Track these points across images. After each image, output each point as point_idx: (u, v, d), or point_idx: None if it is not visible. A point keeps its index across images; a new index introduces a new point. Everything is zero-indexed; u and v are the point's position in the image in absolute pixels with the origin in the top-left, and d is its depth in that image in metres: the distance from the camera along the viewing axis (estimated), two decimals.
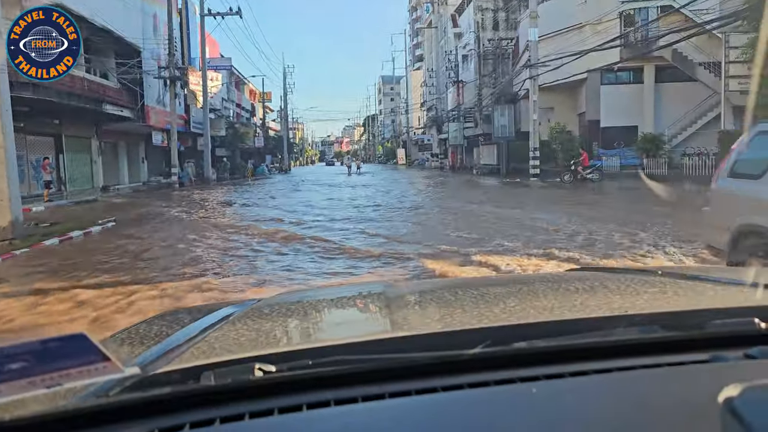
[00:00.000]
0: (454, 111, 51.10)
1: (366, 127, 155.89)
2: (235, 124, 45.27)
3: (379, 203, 16.89)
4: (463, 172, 45.22)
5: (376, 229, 11.60)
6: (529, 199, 17.38)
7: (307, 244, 10.01)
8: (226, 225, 12.90)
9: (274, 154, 73.46)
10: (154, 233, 12.14)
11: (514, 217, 12.83)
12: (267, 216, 14.18)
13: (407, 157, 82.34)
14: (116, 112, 24.03)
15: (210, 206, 18.55)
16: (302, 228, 12.19)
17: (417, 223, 12.73)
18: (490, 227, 11.34)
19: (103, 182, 27.63)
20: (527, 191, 21.88)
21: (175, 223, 13.75)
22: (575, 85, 32.91)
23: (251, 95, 74.06)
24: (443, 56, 60.12)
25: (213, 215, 15.39)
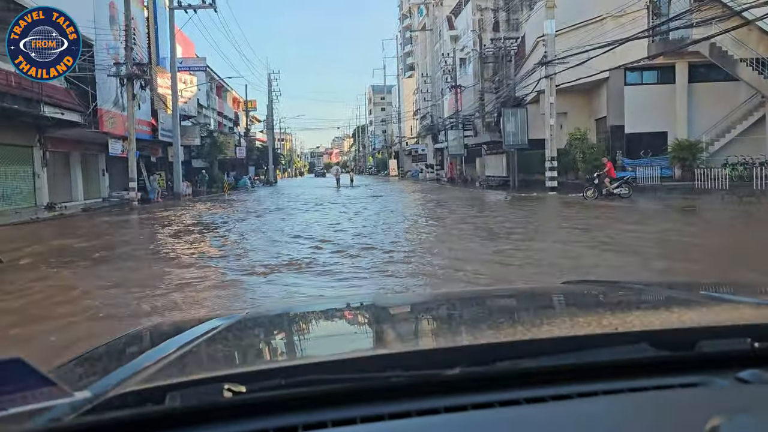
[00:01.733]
0: (452, 118, 47.29)
1: (356, 137, 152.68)
2: (213, 133, 41.13)
3: (371, 245, 10.20)
4: (463, 185, 41.27)
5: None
6: (563, 227, 12.99)
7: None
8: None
9: (260, 165, 69.29)
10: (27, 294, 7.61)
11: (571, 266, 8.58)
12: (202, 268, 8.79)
13: (399, 169, 78.49)
14: (56, 114, 19.87)
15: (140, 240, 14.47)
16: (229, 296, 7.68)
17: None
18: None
19: (48, 199, 23.38)
20: (552, 212, 17.85)
21: (82, 268, 9.52)
22: (593, 86, 29.15)
23: (234, 103, 70.00)
24: (439, 60, 56.39)
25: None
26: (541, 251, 9.24)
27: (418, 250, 9.72)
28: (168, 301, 6.30)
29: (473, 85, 46.74)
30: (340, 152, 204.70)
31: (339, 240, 11.01)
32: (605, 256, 8.55)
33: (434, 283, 7.03)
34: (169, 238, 12.98)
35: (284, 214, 17.70)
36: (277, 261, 8.87)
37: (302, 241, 11.12)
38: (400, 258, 8.89)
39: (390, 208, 19.62)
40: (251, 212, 19.27)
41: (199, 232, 14.00)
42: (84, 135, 24.73)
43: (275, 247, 10.42)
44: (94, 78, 23.29)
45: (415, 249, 9.90)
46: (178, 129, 30.00)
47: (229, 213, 19.41)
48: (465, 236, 11.28)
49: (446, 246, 9.95)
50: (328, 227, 13.53)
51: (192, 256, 9.69)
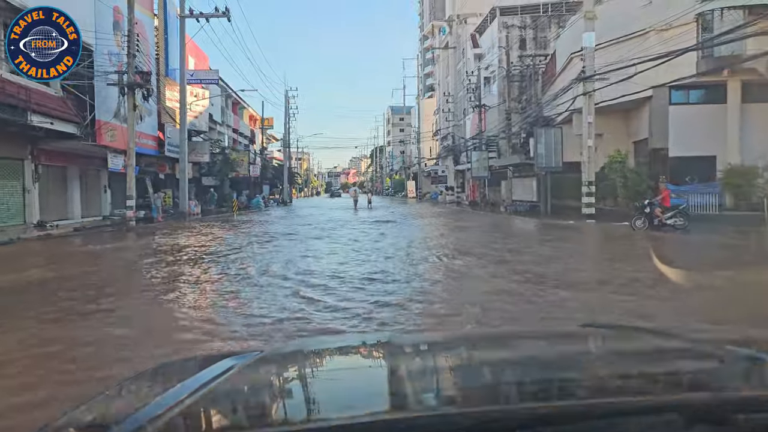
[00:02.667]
0: (475, 139, 45.11)
1: (373, 158, 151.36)
2: (225, 150, 39.28)
3: (388, 301, 7.80)
4: (487, 210, 38.91)
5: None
6: (628, 271, 10.23)
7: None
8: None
9: (275, 184, 67.50)
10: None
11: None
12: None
13: (418, 190, 76.33)
14: (44, 124, 17.95)
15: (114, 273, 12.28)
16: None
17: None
18: None
19: (39, 216, 21.45)
20: (601, 247, 15.30)
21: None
22: (632, 106, 26.84)
23: (251, 121, 68.54)
24: (462, 79, 54.44)
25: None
26: (625, 315, 6.76)
27: (443, 310, 7.31)
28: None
29: (498, 104, 44.70)
30: (357, 172, 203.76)
31: (350, 296, 8.30)
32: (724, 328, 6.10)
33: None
34: (138, 274, 10.74)
35: (291, 244, 15.42)
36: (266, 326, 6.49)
37: (305, 289, 8.66)
38: (426, 323, 6.58)
39: (410, 239, 17.34)
40: (256, 238, 17.05)
41: (185, 264, 11.79)
42: (81, 148, 22.86)
43: (271, 303, 7.88)
44: (93, 87, 21.46)
45: (440, 306, 7.57)
46: (186, 144, 28.11)
47: (231, 238, 17.19)
48: (503, 288, 8.71)
49: (478, 304, 7.47)
50: (339, 266, 11.11)
51: (151, 315, 7.35)
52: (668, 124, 25.26)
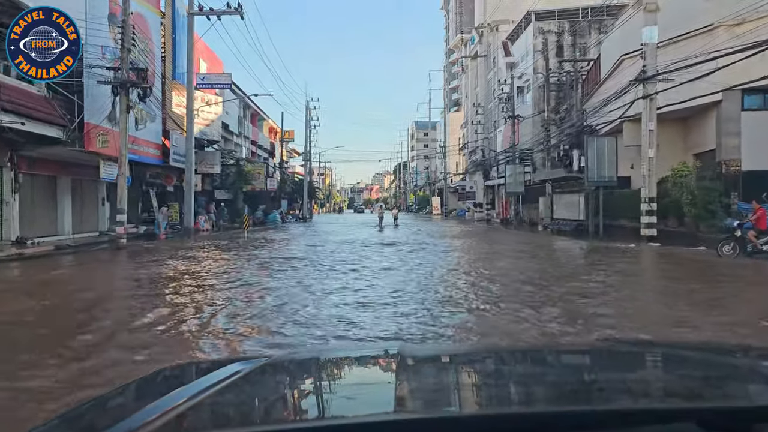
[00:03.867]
0: (508, 152, 41.91)
1: (397, 174, 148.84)
2: (240, 161, 36.62)
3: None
4: (523, 228, 35.58)
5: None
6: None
7: None
8: None
9: (295, 199, 64.85)
10: None
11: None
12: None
13: (444, 207, 73.18)
14: (13, 124, 15.26)
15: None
16: None
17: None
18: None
19: (19, 232, 18.79)
20: (693, 283, 11.76)
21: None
22: (693, 113, 23.58)
23: (271, 133, 66.18)
24: (492, 90, 51.41)
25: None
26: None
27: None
28: None
29: (533, 115, 41.55)
30: (380, 188, 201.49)
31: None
32: None
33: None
34: (85, 319, 7.76)
35: (304, 274, 12.34)
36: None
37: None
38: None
39: (447, 266, 14.22)
40: (263, 265, 14.01)
41: (161, 305, 8.78)
42: (71, 155, 20.26)
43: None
44: (83, 86, 18.85)
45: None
46: (193, 153, 25.40)
47: (232, 265, 14.21)
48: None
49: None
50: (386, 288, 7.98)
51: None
52: (740, 132, 21.92)
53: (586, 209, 24.48)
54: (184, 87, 26.80)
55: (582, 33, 43.17)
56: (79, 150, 18.94)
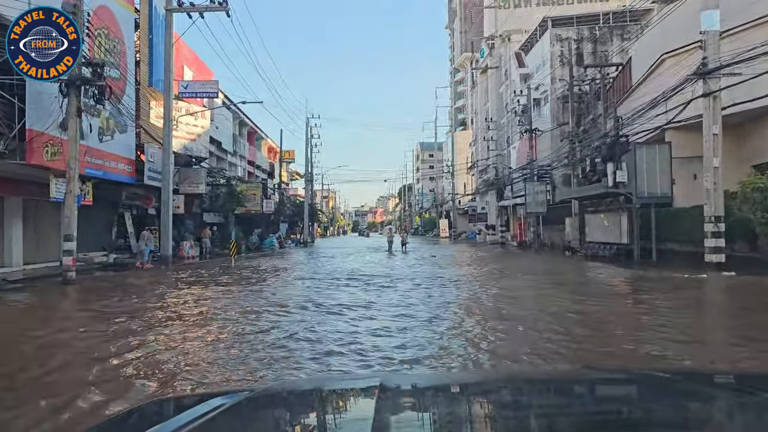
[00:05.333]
0: (526, 168, 38.40)
1: (401, 196, 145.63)
2: (231, 180, 33.14)
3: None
4: (546, 253, 31.87)
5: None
6: None
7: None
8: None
9: (296, 222, 61.30)
10: None
11: None
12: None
13: (452, 229, 69.51)
14: None
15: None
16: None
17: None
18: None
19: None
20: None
21: None
22: (749, 117, 20.08)
23: (270, 153, 62.89)
24: (505, 104, 48.09)
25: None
26: None
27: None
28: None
29: (551, 128, 38.15)
30: (384, 211, 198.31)
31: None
32: None
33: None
34: None
35: (300, 327, 8.58)
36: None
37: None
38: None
39: (479, 305, 10.62)
40: (243, 314, 10.23)
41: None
42: (19, 172, 16.80)
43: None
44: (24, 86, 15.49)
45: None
46: (170, 169, 21.89)
47: (204, 312, 10.51)
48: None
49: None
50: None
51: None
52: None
53: (630, 231, 20.79)
54: (160, 93, 23.42)
55: (603, 40, 39.92)
56: (20, 163, 15.45)
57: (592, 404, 1.51)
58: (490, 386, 1.81)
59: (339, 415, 1.55)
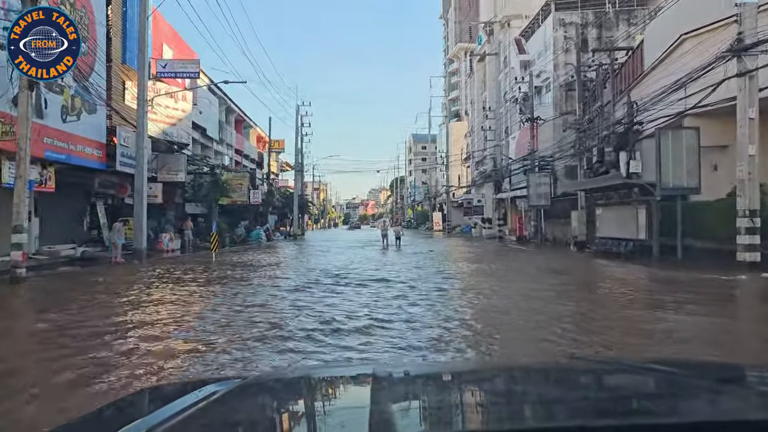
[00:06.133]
0: (526, 159, 36.58)
1: (393, 189, 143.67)
2: (215, 169, 31.10)
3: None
4: (549, 248, 30.10)
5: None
6: None
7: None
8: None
9: (285, 214, 59.27)
10: None
11: None
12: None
13: (446, 223, 67.73)
14: None
15: None
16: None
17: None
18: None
19: None
20: None
21: None
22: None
23: (259, 143, 60.77)
24: (504, 92, 46.21)
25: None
26: None
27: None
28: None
29: (554, 117, 36.32)
30: (376, 204, 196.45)
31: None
32: None
33: None
34: None
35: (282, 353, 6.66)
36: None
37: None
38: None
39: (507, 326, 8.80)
40: (216, 324, 8.31)
41: None
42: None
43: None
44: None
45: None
46: (145, 154, 19.88)
47: (171, 323, 8.57)
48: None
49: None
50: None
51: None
52: None
53: (648, 225, 18.99)
54: (134, 70, 21.34)
55: (609, 25, 38.08)
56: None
57: (583, 391, 1.50)
58: (482, 375, 1.85)
59: (335, 403, 1.50)
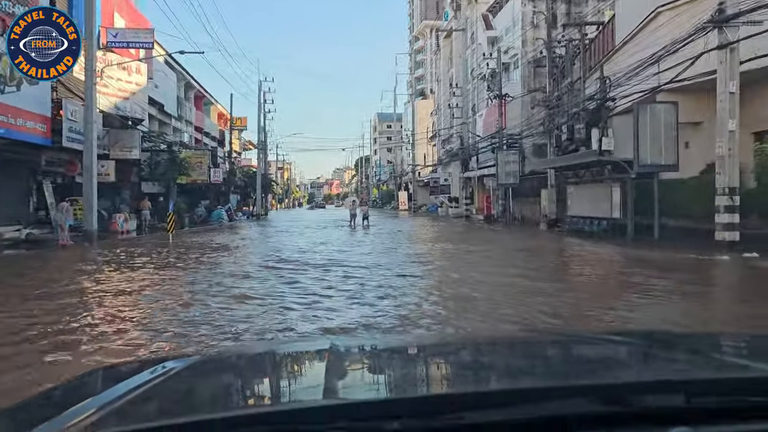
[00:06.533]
0: (495, 137, 36.00)
1: (358, 168, 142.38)
2: (173, 146, 29.67)
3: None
4: (517, 227, 29.67)
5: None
6: None
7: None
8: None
9: (248, 193, 57.79)
10: None
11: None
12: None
13: (412, 202, 67.17)
14: None
15: None
16: None
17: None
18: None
19: None
20: None
21: None
22: (750, 80, 17.88)
23: (221, 120, 58.94)
24: (471, 68, 45.46)
25: None
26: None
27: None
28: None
29: (522, 94, 35.78)
30: (341, 183, 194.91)
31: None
32: None
33: None
34: None
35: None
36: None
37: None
38: None
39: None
40: (168, 320, 7.40)
41: None
42: None
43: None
44: None
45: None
46: (94, 129, 18.52)
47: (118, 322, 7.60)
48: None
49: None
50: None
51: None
52: None
53: (623, 204, 18.55)
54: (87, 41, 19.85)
55: (578, 1, 37.56)
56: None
57: (534, 359, 1.53)
58: (438, 347, 1.86)
59: (291, 378, 1.51)
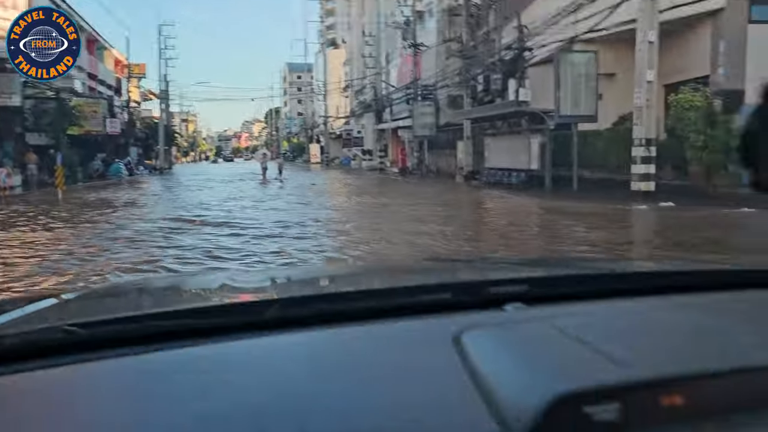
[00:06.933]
0: (410, 88, 35.22)
1: (268, 120, 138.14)
2: (60, 93, 26.88)
3: None
4: (433, 179, 29.30)
5: None
6: None
7: None
8: None
9: (150, 146, 54.43)
10: None
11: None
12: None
13: (324, 155, 65.81)
14: None
15: None
16: None
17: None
18: None
19: None
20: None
21: None
22: (671, 31, 17.97)
23: (117, 67, 54.64)
24: (384, 18, 44.13)
25: None
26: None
27: None
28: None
29: (437, 44, 35.02)
30: (249, 136, 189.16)
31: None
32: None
33: None
34: None
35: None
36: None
37: None
38: None
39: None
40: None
41: None
42: None
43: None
44: None
45: None
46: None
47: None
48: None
49: None
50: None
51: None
52: (746, 53, 16.63)
53: (541, 156, 18.36)
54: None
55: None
56: None
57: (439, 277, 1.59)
58: (335, 272, 1.97)
59: (180, 304, 1.46)
